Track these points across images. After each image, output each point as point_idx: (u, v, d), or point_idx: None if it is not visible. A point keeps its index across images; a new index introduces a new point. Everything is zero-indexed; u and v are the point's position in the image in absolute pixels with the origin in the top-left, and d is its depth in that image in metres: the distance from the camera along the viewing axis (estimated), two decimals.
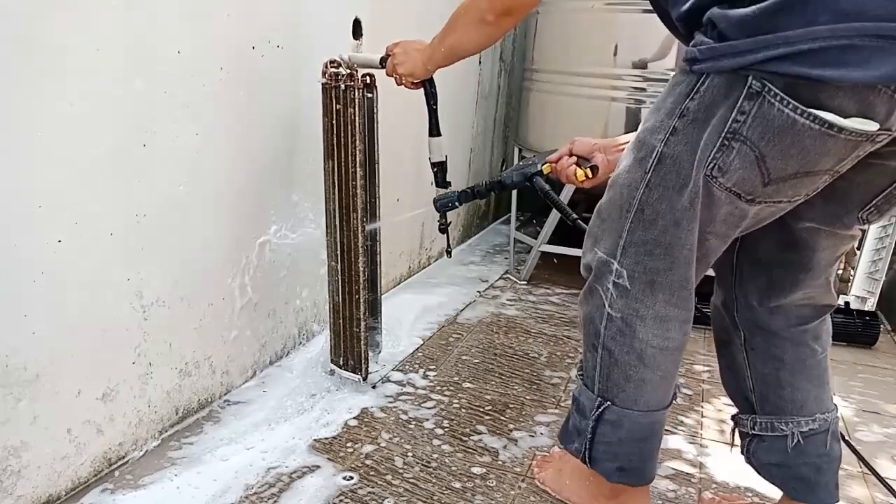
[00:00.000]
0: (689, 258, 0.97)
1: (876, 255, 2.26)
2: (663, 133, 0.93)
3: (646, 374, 1.03)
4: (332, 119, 1.49)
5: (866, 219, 0.98)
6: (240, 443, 1.38)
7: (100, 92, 1.11)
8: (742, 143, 0.85)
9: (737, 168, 0.87)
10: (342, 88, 1.45)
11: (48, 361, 1.11)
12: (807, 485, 1.13)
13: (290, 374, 1.68)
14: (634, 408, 1.05)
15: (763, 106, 0.81)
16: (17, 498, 1.10)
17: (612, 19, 2.19)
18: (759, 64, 0.79)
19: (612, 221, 1.04)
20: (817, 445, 1.12)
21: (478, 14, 1.17)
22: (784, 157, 0.83)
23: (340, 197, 1.53)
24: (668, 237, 0.96)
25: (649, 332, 1.02)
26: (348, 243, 1.55)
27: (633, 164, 0.99)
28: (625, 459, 1.09)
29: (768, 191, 0.88)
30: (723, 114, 0.85)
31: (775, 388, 1.14)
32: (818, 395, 1.13)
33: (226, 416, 1.48)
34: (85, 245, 1.14)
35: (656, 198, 0.96)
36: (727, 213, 0.93)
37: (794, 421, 1.12)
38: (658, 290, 1.00)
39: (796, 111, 0.79)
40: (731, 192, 0.90)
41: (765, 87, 0.80)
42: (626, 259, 1.01)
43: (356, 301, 1.57)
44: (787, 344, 1.12)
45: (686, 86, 0.90)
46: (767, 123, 0.82)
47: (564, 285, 2.56)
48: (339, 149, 1.49)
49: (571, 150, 1.33)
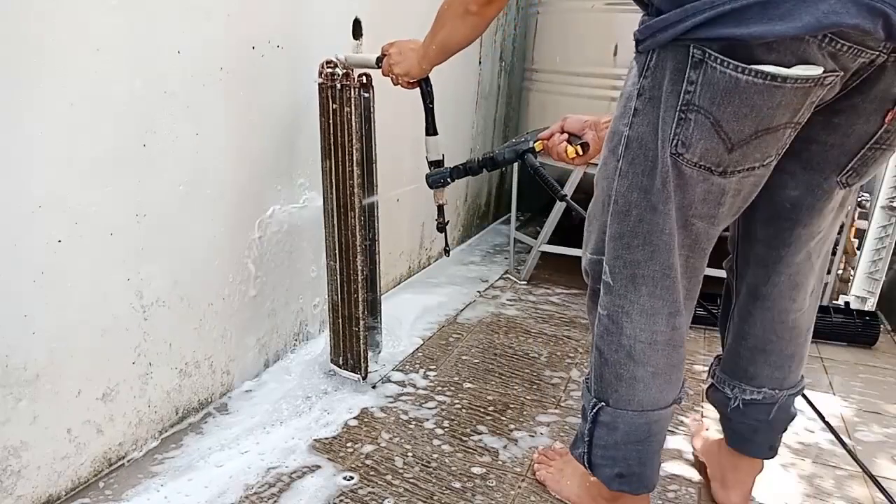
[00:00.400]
0: (669, 244, 0.95)
1: (876, 255, 2.26)
2: (627, 117, 0.94)
3: (637, 372, 1.02)
4: (328, 119, 1.49)
5: (846, 182, 0.98)
6: (240, 442, 1.38)
7: (100, 92, 1.11)
8: (697, 113, 0.85)
9: (698, 139, 0.86)
10: (338, 88, 1.45)
11: (48, 361, 1.11)
12: (741, 438, 1.23)
13: (290, 375, 1.68)
14: (628, 408, 1.04)
15: (707, 72, 0.82)
16: (17, 498, 1.10)
17: (611, 19, 2.19)
18: (691, 32, 0.80)
19: (596, 219, 1.05)
20: (757, 412, 1.19)
21: (462, 7, 1.17)
22: (738, 117, 0.83)
23: (338, 196, 1.53)
24: (644, 226, 0.95)
25: (636, 328, 1.00)
26: (346, 242, 1.55)
27: (607, 155, 1.00)
28: (623, 464, 1.07)
29: (735, 157, 0.87)
30: (674, 87, 0.86)
31: (734, 356, 1.20)
32: (771, 374, 1.17)
33: (226, 416, 1.48)
34: (85, 245, 1.14)
35: (626, 186, 0.95)
36: (704, 192, 0.91)
37: (739, 387, 1.19)
38: (640, 282, 0.99)
39: (737, 70, 0.79)
40: (700, 167, 0.89)
41: (705, 54, 0.81)
42: (608, 254, 1.01)
43: (355, 300, 1.57)
44: (756, 327, 1.14)
45: (638, 65, 0.91)
46: (714, 88, 0.82)
47: (564, 285, 2.56)
48: (337, 148, 1.49)
49: (563, 127, 1.34)
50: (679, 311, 1.01)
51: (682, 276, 0.99)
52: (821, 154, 0.96)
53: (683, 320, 1.03)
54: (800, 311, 1.12)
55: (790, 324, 1.13)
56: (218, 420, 1.46)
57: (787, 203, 1.02)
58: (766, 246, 1.08)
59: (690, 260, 0.99)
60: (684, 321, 1.03)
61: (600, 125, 1.29)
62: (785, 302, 1.11)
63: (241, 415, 1.49)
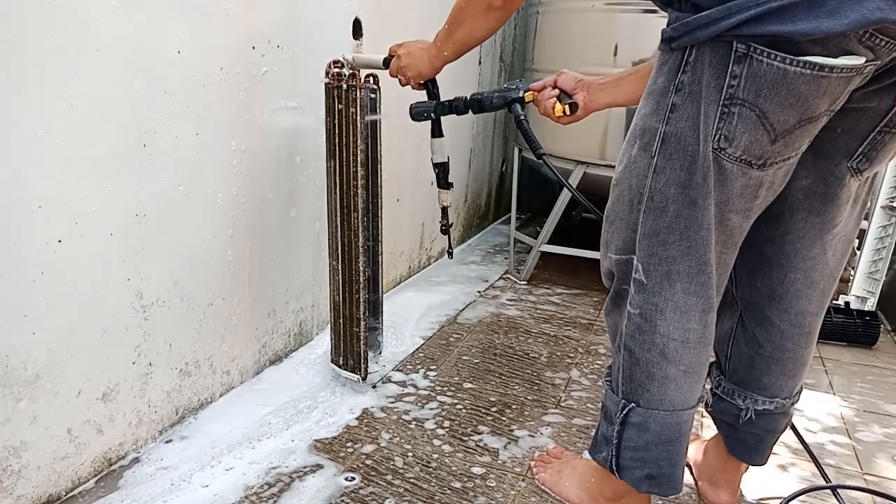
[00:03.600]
0: (706, 239, 0.95)
1: (876, 255, 2.26)
2: (663, 112, 0.93)
3: (669, 371, 1.01)
4: (334, 119, 1.49)
5: (857, 168, 0.98)
6: (239, 442, 1.38)
7: (100, 92, 1.11)
8: (741, 107, 0.85)
9: (742, 133, 0.86)
10: (344, 88, 1.45)
11: (48, 361, 1.11)
12: (746, 448, 1.22)
13: (291, 375, 1.68)
14: (660, 408, 1.03)
15: (752, 65, 0.82)
16: (17, 498, 1.10)
17: (612, 19, 2.19)
18: (734, 29, 0.81)
19: (622, 219, 1.02)
20: (767, 422, 1.18)
21: (484, 3, 1.16)
22: (784, 107, 0.84)
23: (342, 196, 1.53)
24: (681, 222, 0.94)
25: (670, 326, 0.99)
26: (349, 243, 1.55)
27: (638, 153, 0.97)
28: (654, 465, 1.05)
29: (777, 148, 0.88)
30: (716, 82, 0.86)
31: (747, 366, 1.17)
32: (785, 383, 1.15)
33: (226, 416, 1.48)
34: (85, 245, 1.13)
35: (663, 182, 0.94)
36: (742, 186, 0.92)
37: (752, 398, 1.17)
38: (675, 279, 0.97)
39: (785, 61, 0.80)
40: (741, 161, 0.89)
41: (750, 48, 0.82)
42: (641, 252, 0.99)
43: (356, 301, 1.57)
44: (774, 333, 1.12)
45: (674, 61, 0.90)
46: (761, 80, 0.83)
47: (565, 285, 2.56)
48: (341, 149, 1.49)
49: (556, 82, 1.31)
50: (712, 308, 1.00)
51: (716, 271, 0.98)
52: (831, 140, 0.96)
53: (714, 317, 1.02)
54: (815, 315, 1.11)
55: (807, 328, 1.11)
56: (218, 420, 1.46)
57: (800, 193, 1.02)
58: (779, 243, 1.07)
59: (723, 255, 0.99)
60: (715, 318, 1.02)
61: (594, 87, 1.26)
62: (802, 302, 1.09)
63: (241, 414, 1.49)
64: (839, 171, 0.99)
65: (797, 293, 1.09)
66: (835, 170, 0.99)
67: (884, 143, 0.95)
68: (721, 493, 1.27)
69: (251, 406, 1.53)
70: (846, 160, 0.98)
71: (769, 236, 1.07)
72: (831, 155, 0.98)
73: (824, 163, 0.99)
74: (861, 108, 0.93)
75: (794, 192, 1.02)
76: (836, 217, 1.03)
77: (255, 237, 1.56)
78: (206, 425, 1.44)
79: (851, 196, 1.02)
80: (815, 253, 1.06)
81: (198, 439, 1.39)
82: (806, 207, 1.02)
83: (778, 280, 1.09)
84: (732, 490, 1.27)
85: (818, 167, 0.99)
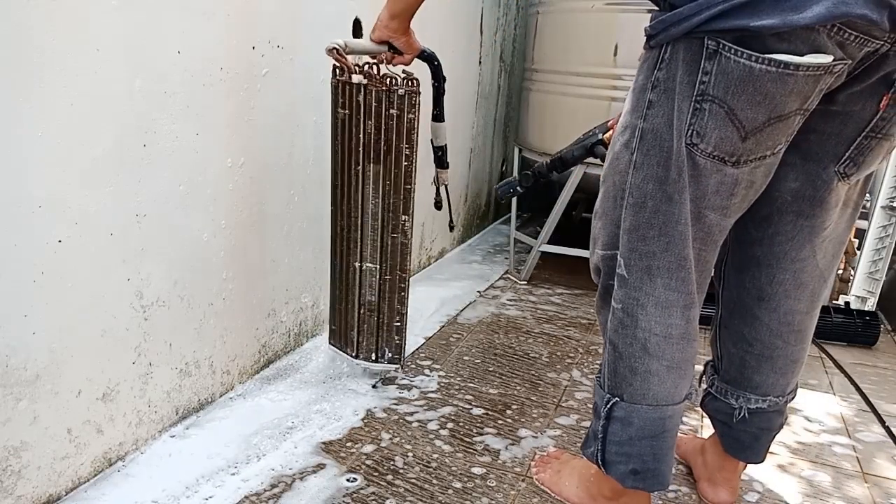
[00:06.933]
0: (684, 234, 0.96)
1: (876, 255, 2.26)
2: (641, 109, 0.95)
3: (652, 365, 1.02)
4: (339, 117, 1.48)
5: (844, 172, 0.99)
6: (239, 442, 1.38)
7: (100, 92, 1.11)
8: (711, 103, 0.86)
9: (712, 129, 0.88)
10: (351, 87, 1.44)
11: (48, 361, 1.11)
12: (742, 446, 1.23)
13: (291, 375, 1.68)
14: (643, 402, 1.04)
15: (721, 62, 0.84)
16: (18, 498, 1.10)
17: (612, 19, 2.19)
18: (705, 24, 0.83)
19: (607, 215, 1.04)
20: (761, 420, 1.19)
21: None
22: (752, 105, 0.85)
23: (345, 197, 1.53)
24: (659, 217, 0.96)
25: (651, 320, 1.00)
26: (351, 243, 1.55)
27: (620, 149, 0.99)
28: (638, 460, 1.07)
29: (749, 145, 0.89)
30: (689, 78, 0.87)
31: (738, 365, 1.18)
32: (776, 381, 1.16)
33: (226, 416, 1.48)
34: (85, 245, 1.13)
35: (642, 178, 0.96)
36: (717, 183, 0.93)
37: (744, 396, 1.18)
38: (656, 274, 0.99)
39: (751, 59, 0.82)
40: (714, 157, 0.90)
41: (719, 45, 0.83)
42: (623, 247, 1.01)
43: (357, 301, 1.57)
44: (763, 332, 1.13)
45: (652, 59, 0.92)
46: (729, 77, 0.84)
47: (565, 285, 2.56)
48: (346, 149, 1.49)
49: None
50: (693, 304, 1.02)
51: (695, 268, 0.99)
52: (819, 144, 0.98)
53: (697, 313, 1.03)
54: (805, 314, 1.12)
55: (796, 326, 1.12)
56: (218, 420, 1.46)
57: (788, 195, 1.02)
58: (768, 244, 1.07)
59: (703, 253, 0.99)
60: (698, 314, 1.03)
61: None
62: (791, 302, 1.10)
63: (241, 415, 1.49)
64: (827, 174, 0.99)
65: (786, 293, 1.10)
66: (822, 173, 0.99)
67: (870, 148, 0.96)
68: (720, 492, 1.28)
69: (251, 406, 1.53)
70: (833, 164, 0.98)
71: (758, 237, 1.08)
72: (819, 158, 0.99)
73: (812, 166, 0.99)
74: (847, 113, 0.94)
75: (782, 195, 1.03)
76: (826, 220, 1.04)
77: (255, 237, 1.56)
78: (207, 425, 1.44)
79: (840, 200, 1.03)
80: (805, 255, 1.07)
81: (198, 439, 1.39)
82: (794, 210, 1.03)
83: (767, 280, 1.10)
84: (731, 489, 1.28)
85: (806, 170, 1.00)
